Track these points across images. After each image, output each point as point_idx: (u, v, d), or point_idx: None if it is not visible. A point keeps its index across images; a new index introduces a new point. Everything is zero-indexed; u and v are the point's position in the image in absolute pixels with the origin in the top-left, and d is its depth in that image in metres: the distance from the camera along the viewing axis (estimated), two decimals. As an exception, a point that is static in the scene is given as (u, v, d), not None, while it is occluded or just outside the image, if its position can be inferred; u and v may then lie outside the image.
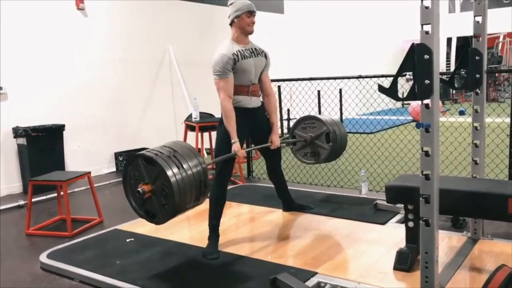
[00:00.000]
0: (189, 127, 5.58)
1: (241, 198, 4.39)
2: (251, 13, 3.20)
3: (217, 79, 3.15)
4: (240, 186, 5.09)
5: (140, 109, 6.79)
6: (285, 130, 8.51)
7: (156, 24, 6.97)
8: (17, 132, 5.20)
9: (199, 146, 5.71)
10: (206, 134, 5.86)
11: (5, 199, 4.98)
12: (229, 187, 4.96)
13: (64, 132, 5.52)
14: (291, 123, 8.72)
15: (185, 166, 2.57)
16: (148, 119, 6.87)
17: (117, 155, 6.35)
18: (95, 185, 4.19)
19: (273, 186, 3.90)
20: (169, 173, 2.49)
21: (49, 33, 5.64)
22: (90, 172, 4.12)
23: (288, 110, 8.42)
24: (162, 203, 2.56)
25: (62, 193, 3.96)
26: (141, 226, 3.62)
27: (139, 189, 2.56)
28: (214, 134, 5.57)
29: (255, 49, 3.33)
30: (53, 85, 5.68)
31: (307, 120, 3.99)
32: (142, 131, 6.77)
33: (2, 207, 4.63)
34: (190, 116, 5.56)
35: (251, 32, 3.25)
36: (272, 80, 5.75)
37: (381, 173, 5.12)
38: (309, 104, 6.00)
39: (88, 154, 6.04)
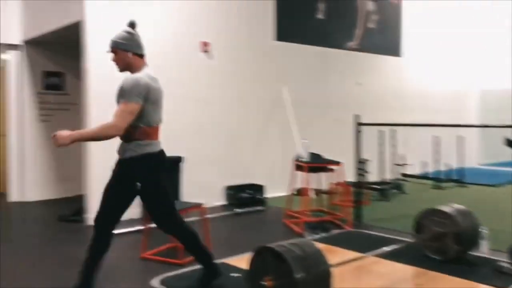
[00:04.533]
0: (297, 167, 5.61)
1: (348, 245, 4.25)
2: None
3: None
4: (347, 231, 4.94)
5: (252, 146, 7.02)
6: (398, 175, 8.16)
7: (272, 65, 7.24)
8: (141, 161, 5.59)
9: (307, 186, 5.69)
10: (314, 175, 5.82)
11: (126, 223, 5.35)
12: (335, 231, 4.88)
13: (182, 164, 5.86)
14: (407, 169, 8.33)
15: (311, 269, 2.61)
16: (259, 156, 7.05)
17: (228, 188, 6.58)
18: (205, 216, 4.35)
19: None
20: (296, 275, 2.53)
21: (175, 71, 6.12)
22: (203, 204, 4.30)
23: (404, 155, 8.09)
24: None
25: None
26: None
27: (263, 282, 2.65)
28: (323, 175, 5.55)
29: None
30: (175, 120, 6.10)
31: (439, 214, 3.82)
32: (253, 168, 6.95)
33: (123, 230, 4.99)
34: (300, 155, 5.59)
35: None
36: (387, 124, 5.63)
37: (505, 231, 4.64)
38: (424, 151, 5.71)
39: (201, 186, 6.32)
